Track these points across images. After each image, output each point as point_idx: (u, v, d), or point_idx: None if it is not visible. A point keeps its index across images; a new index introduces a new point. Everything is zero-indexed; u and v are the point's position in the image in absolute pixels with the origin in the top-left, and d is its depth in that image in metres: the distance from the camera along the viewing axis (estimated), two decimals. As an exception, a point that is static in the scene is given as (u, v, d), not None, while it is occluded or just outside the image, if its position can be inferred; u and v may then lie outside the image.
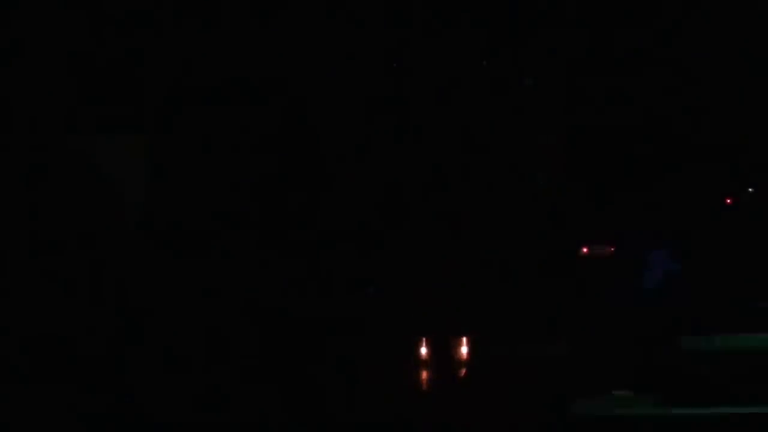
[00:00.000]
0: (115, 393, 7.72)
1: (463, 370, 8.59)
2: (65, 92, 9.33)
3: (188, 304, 8.93)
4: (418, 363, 8.67)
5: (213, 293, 9.11)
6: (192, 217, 9.44)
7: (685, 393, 6.14)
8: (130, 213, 9.10)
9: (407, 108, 10.69)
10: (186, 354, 8.43)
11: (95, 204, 9.05)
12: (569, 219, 10.65)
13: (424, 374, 8.58)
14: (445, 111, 10.75)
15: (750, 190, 10.55)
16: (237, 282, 9.28)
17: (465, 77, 10.76)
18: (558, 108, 10.95)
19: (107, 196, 9.08)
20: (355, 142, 10.52)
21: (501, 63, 10.78)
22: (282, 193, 10.13)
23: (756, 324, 7.08)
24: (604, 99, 10.85)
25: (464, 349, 8.59)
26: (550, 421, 6.25)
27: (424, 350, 8.59)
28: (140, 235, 9.06)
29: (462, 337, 8.67)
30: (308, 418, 7.27)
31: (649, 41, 10.64)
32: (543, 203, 10.85)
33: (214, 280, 9.22)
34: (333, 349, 8.70)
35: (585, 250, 10.40)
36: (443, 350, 8.68)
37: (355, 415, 7.28)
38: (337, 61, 10.44)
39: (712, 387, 6.24)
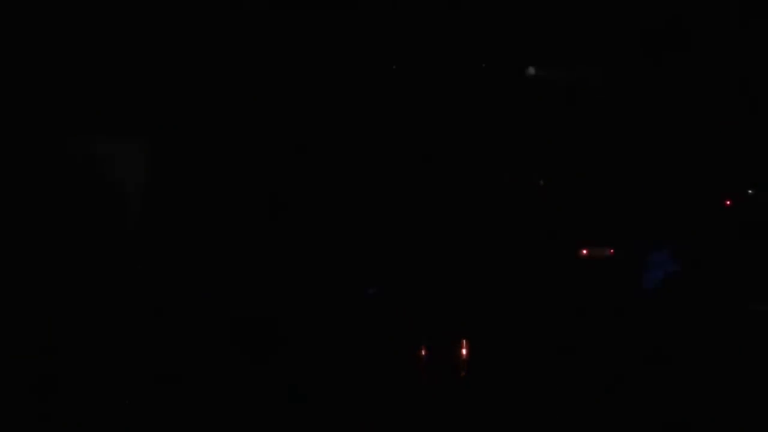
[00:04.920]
0: (115, 394, 7.73)
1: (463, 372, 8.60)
2: (65, 92, 9.30)
3: (189, 305, 8.94)
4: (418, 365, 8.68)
5: (213, 295, 9.12)
6: (192, 219, 9.44)
7: None
8: (131, 215, 9.09)
9: (404, 105, 10.67)
10: (184, 355, 8.44)
11: (95, 206, 9.04)
12: (569, 219, 10.65)
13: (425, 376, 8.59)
14: (444, 108, 10.74)
15: (749, 191, 10.55)
16: (236, 283, 9.29)
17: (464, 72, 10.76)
18: (558, 102, 10.94)
19: (108, 198, 9.07)
20: (353, 141, 10.51)
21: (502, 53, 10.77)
22: (281, 192, 10.12)
23: None
24: (604, 95, 10.84)
25: (464, 351, 8.62)
26: None
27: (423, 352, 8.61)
28: (141, 238, 9.05)
29: (463, 339, 8.69)
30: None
31: (651, 35, 10.62)
32: (542, 203, 10.85)
33: (214, 281, 9.22)
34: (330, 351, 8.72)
35: (584, 251, 10.40)
36: (444, 352, 8.69)
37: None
38: (338, 60, 10.43)
39: None
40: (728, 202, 10.53)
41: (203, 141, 9.72)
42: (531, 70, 10.82)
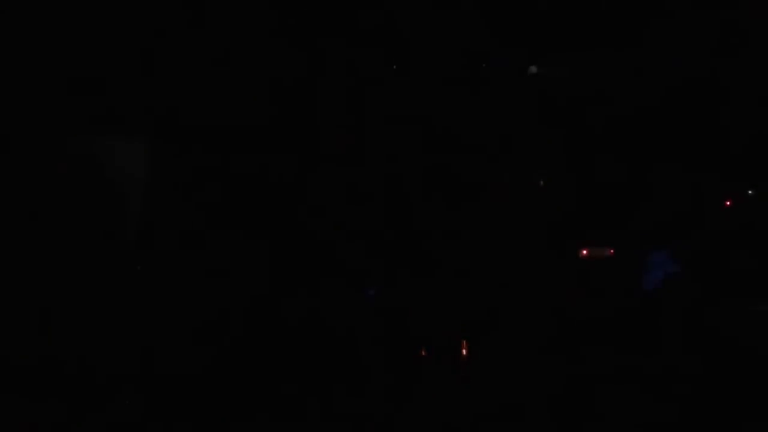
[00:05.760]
0: (115, 393, 7.74)
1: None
2: (65, 91, 9.30)
3: (189, 306, 8.95)
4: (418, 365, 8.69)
5: (213, 296, 9.13)
6: (193, 219, 9.44)
7: None
8: (131, 215, 9.10)
9: (404, 105, 10.67)
10: (184, 355, 8.45)
11: (95, 205, 9.05)
12: (569, 219, 10.65)
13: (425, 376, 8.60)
14: (444, 108, 10.74)
15: (750, 192, 10.54)
16: (236, 285, 9.29)
17: (464, 70, 10.76)
18: (560, 100, 10.92)
19: (108, 198, 9.08)
20: (353, 140, 10.50)
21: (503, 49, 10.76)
22: (280, 193, 10.12)
23: None
24: (604, 94, 10.84)
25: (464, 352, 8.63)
26: None
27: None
28: (140, 238, 9.05)
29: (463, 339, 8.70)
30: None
31: (651, 34, 10.62)
32: (542, 203, 10.85)
33: (214, 282, 9.22)
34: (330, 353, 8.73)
35: (584, 251, 10.40)
36: (444, 352, 8.70)
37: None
38: (338, 59, 10.44)
39: None
40: (728, 202, 10.53)
41: (203, 140, 9.71)
42: (532, 69, 10.82)
